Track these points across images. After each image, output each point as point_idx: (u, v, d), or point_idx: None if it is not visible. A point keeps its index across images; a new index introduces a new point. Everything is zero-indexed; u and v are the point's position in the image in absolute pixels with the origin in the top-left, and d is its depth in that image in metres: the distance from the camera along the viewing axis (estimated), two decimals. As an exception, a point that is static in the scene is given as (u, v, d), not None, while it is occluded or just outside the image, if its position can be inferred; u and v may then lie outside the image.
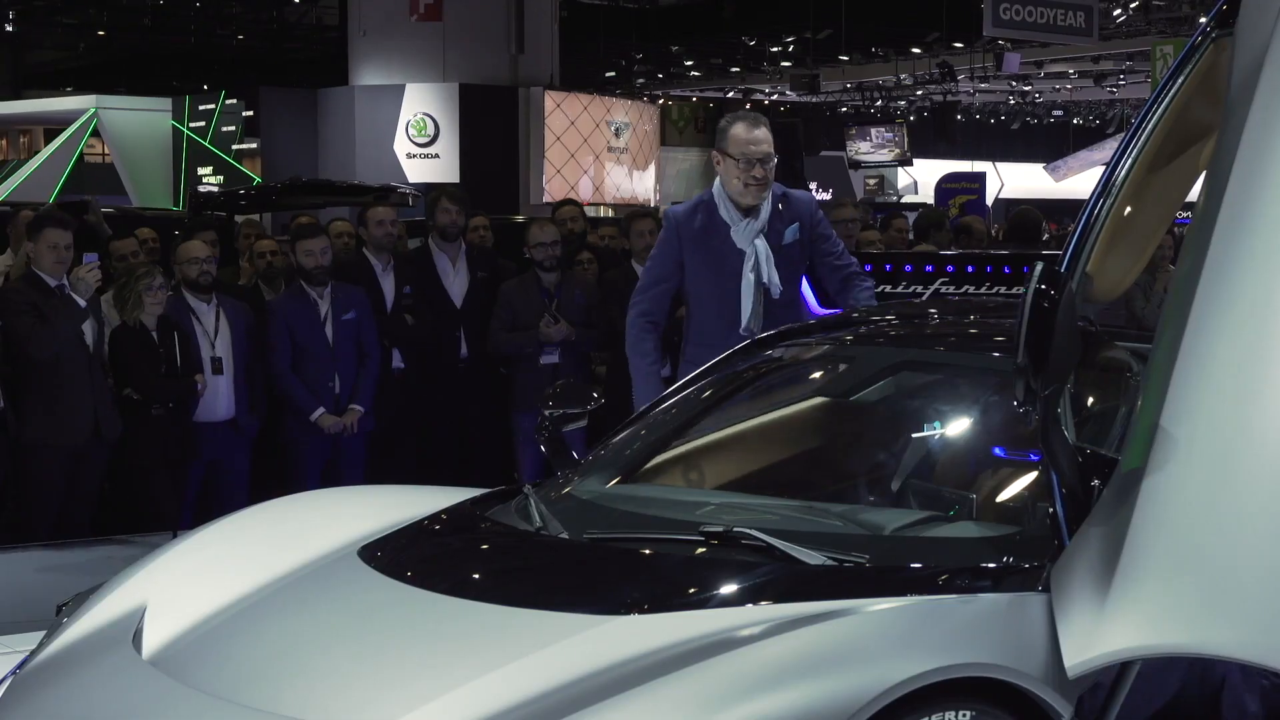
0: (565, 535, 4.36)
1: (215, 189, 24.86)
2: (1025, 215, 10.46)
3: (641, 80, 35.47)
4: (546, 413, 5.08)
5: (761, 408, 5.25)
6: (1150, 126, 4.59)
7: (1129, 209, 4.63)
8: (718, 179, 6.13)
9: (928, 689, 3.38)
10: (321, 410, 8.00)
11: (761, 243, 6.03)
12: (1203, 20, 4.68)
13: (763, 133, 6.03)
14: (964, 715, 3.46)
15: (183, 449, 7.80)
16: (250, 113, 26.68)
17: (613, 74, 33.22)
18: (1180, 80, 4.57)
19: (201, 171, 27.98)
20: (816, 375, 5.30)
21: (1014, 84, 35.80)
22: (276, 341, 8.06)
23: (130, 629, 4.07)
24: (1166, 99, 4.58)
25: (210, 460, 8.00)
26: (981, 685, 3.50)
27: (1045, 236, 11.20)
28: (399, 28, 21.64)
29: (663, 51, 33.41)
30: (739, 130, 6.03)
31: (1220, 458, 3.52)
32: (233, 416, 8.02)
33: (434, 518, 4.62)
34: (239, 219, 11.25)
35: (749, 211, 6.07)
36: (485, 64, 21.78)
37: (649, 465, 4.99)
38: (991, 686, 3.52)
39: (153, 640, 4.00)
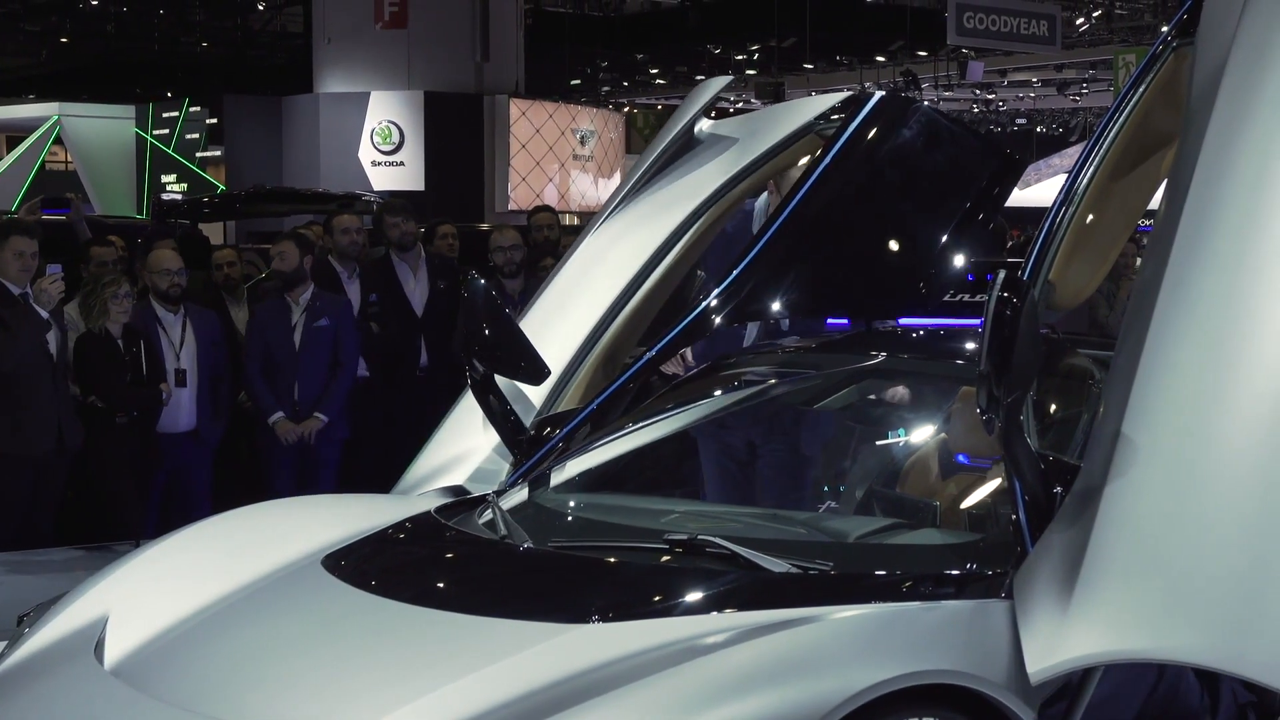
0: (529, 544, 4.35)
1: (179, 197, 24.76)
2: (989, 223, 10.46)
3: (607, 88, 35.50)
4: (480, 366, 5.05)
5: (727, 416, 5.25)
6: (1112, 135, 4.63)
7: (1091, 217, 4.66)
8: None
9: (891, 696, 3.39)
10: (279, 415, 7.98)
11: None
12: (1164, 30, 4.72)
13: None
14: (927, 722, 3.47)
15: (147, 458, 7.77)
16: (214, 120, 26.61)
17: (578, 82, 33.24)
18: (1141, 89, 4.61)
19: (165, 179, 27.89)
20: (782, 384, 5.30)
21: (978, 92, 35.96)
22: (251, 348, 8.08)
23: (92, 639, 4.05)
24: (1128, 108, 4.62)
25: (172, 470, 7.97)
26: (945, 692, 3.51)
27: (1009, 244, 11.21)
28: (364, 35, 21.58)
29: (628, 59, 33.45)
30: None
31: (1182, 464, 3.55)
32: (194, 427, 7.99)
33: (398, 526, 4.61)
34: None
35: None
36: (450, 71, 21.73)
37: (614, 473, 4.98)
38: (955, 693, 3.53)
39: (114, 650, 3.97)
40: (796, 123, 5.50)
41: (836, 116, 5.40)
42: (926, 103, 6.06)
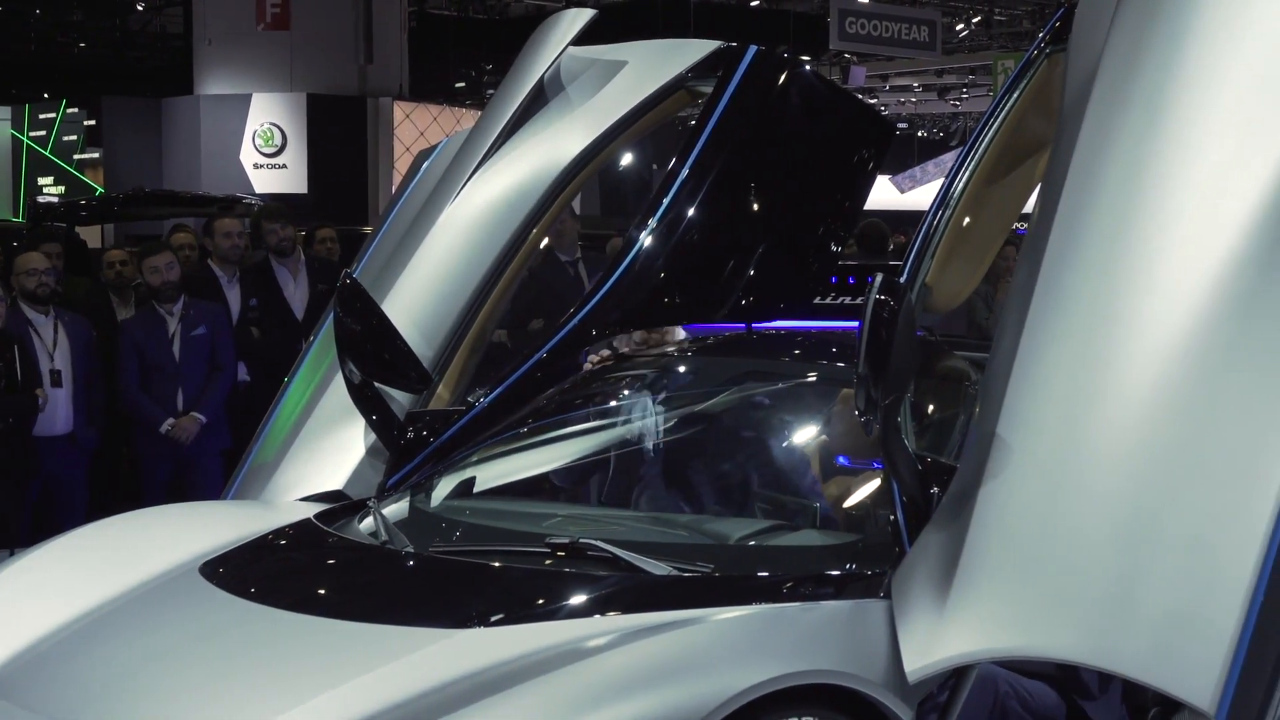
0: (411, 549, 4.32)
1: (56, 200, 24.36)
2: (872, 227, 10.57)
3: (491, 91, 35.31)
4: (359, 371, 5.02)
5: (608, 420, 5.26)
6: (987, 139, 4.68)
7: (967, 220, 4.71)
8: None
9: (771, 696, 3.41)
10: (171, 422, 7.88)
11: None
12: (1040, 36, 4.78)
13: None
14: (806, 722, 3.50)
15: (23, 465, 7.63)
16: (92, 122, 26.22)
17: (463, 85, 33.12)
18: (1016, 95, 4.67)
19: (42, 182, 27.40)
20: (662, 387, 5.31)
21: (860, 97, 36.27)
22: (125, 362, 7.94)
23: (-37, 651, 3.97)
24: (1003, 113, 4.68)
25: (48, 475, 7.84)
26: (824, 692, 3.54)
27: (891, 247, 11.32)
28: (245, 37, 21.36)
29: (512, 63, 33.31)
30: None
31: (1055, 465, 3.59)
32: (71, 430, 7.87)
33: (278, 532, 4.57)
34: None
35: None
36: (333, 74, 21.58)
37: (496, 478, 4.97)
38: (834, 693, 3.55)
39: (-14, 662, 3.90)
40: (665, 76, 5.45)
41: (698, 80, 5.36)
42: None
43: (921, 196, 32.73)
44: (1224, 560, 3.37)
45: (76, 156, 26.73)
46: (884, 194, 36.18)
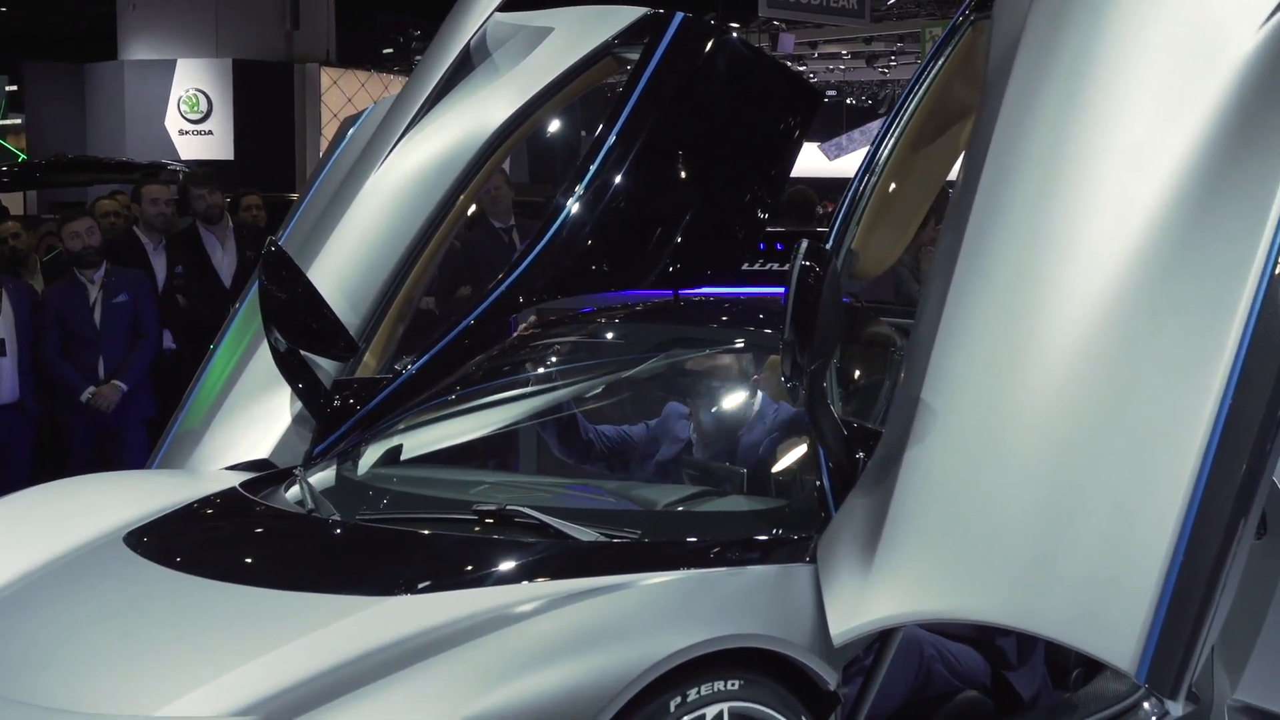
0: (337, 517, 4.31)
1: (-23, 166, 24.07)
2: (800, 194, 10.60)
3: (419, 57, 35.14)
4: (285, 339, 5.01)
5: (536, 386, 5.26)
6: (912, 106, 4.71)
7: (893, 186, 4.73)
8: None
9: (698, 660, 3.43)
10: (91, 390, 7.82)
11: None
12: (965, 3, 4.80)
13: None
14: (733, 685, 3.51)
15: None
16: (14, 87, 25.92)
17: (390, 51, 32.91)
18: (940, 62, 4.70)
19: (-37, 148, 27.09)
20: (589, 353, 5.31)
21: (787, 64, 36.24)
22: (46, 329, 7.87)
23: (-116, 622, 3.93)
24: (928, 80, 4.70)
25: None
26: (750, 655, 3.56)
27: (820, 214, 11.35)
28: (170, 1, 21.16)
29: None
30: None
31: (979, 429, 3.62)
32: (18, 399, 7.78)
33: (203, 501, 4.54)
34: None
35: None
36: (259, 39, 21.41)
37: (423, 445, 4.96)
38: (760, 656, 3.58)
39: (-93, 633, 3.86)
40: (592, 43, 5.46)
41: (625, 47, 5.38)
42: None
43: (849, 164, 32.78)
44: (1144, 524, 3.40)
45: (-2, 123, 26.42)
46: (812, 161, 36.22)
